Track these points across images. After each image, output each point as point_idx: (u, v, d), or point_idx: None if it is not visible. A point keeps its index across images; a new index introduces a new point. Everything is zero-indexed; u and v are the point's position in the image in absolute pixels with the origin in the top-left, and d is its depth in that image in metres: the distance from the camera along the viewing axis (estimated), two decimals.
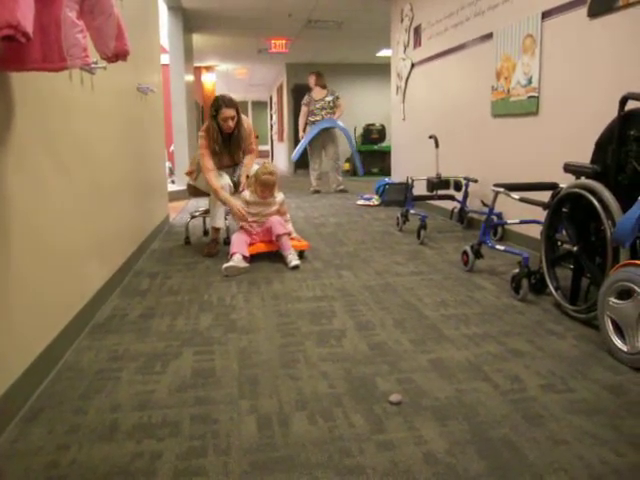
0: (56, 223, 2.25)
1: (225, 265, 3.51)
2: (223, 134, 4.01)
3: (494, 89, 4.57)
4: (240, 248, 3.66)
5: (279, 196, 4.00)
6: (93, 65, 2.21)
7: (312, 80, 8.42)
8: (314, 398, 1.87)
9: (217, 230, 4.13)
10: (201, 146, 4.01)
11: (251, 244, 3.81)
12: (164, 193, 5.65)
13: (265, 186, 3.84)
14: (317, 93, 8.37)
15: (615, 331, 2.15)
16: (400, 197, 6.50)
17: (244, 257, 3.63)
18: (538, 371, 2.05)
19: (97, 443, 1.61)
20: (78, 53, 1.69)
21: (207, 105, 12.73)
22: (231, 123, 3.95)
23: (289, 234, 3.86)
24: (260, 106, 23.43)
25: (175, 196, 7.10)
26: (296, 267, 3.63)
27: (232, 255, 3.61)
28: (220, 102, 3.92)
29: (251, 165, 4.24)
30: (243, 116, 4.17)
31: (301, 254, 3.90)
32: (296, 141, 13.26)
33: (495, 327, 2.53)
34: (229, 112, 3.91)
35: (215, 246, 4.12)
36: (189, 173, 4.38)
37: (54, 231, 2.22)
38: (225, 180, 4.03)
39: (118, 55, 2.04)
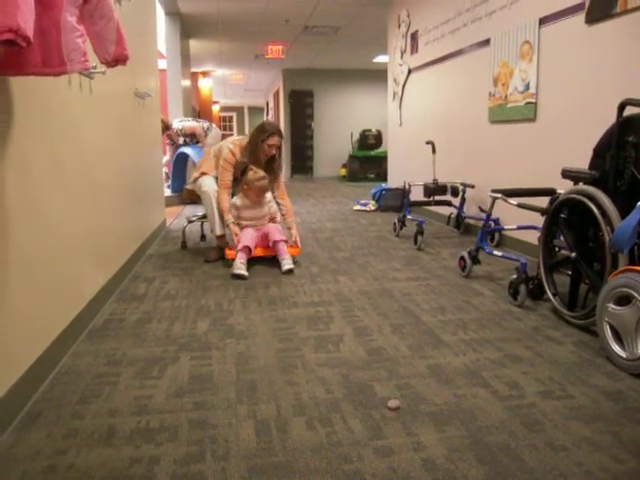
0: (53, 227, 2.24)
1: (233, 271, 3.58)
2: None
3: (491, 95, 4.59)
4: (249, 241, 3.74)
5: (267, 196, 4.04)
6: (92, 70, 2.22)
7: None
8: (312, 403, 1.86)
9: (222, 237, 4.09)
10: (227, 159, 3.95)
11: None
12: (161, 198, 5.64)
13: (261, 191, 3.90)
14: None
15: (614, 337, 2.16)
16: (397, 202, 6.52)
17: (248, 250, 3.71)
18: (536, 377, 2.05)
19: (95, 448, 1.60)
20: (78, 58, 1.68)
21: (203, 110, 12.77)
22: (274, 150, 4.05)
23: (286, 241, 3.85)
24: (256, 111, 23.49)
25: (171, 201, 7.10)
26: (289, 271, 3.64)
27: (238, 251, 3.68)
28: (272, 129, 4.02)
29: (292, 213, 4.20)
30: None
31: (294, 259, 3.90)
32: (292, 146, 13.32)
33: (493, 333, 2.53)
34: (278, 140, 4.03)
35: (219, 252, 4.09)
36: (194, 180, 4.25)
37: (52, 235, 2.21)
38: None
39: (118, 60, 2.04)
